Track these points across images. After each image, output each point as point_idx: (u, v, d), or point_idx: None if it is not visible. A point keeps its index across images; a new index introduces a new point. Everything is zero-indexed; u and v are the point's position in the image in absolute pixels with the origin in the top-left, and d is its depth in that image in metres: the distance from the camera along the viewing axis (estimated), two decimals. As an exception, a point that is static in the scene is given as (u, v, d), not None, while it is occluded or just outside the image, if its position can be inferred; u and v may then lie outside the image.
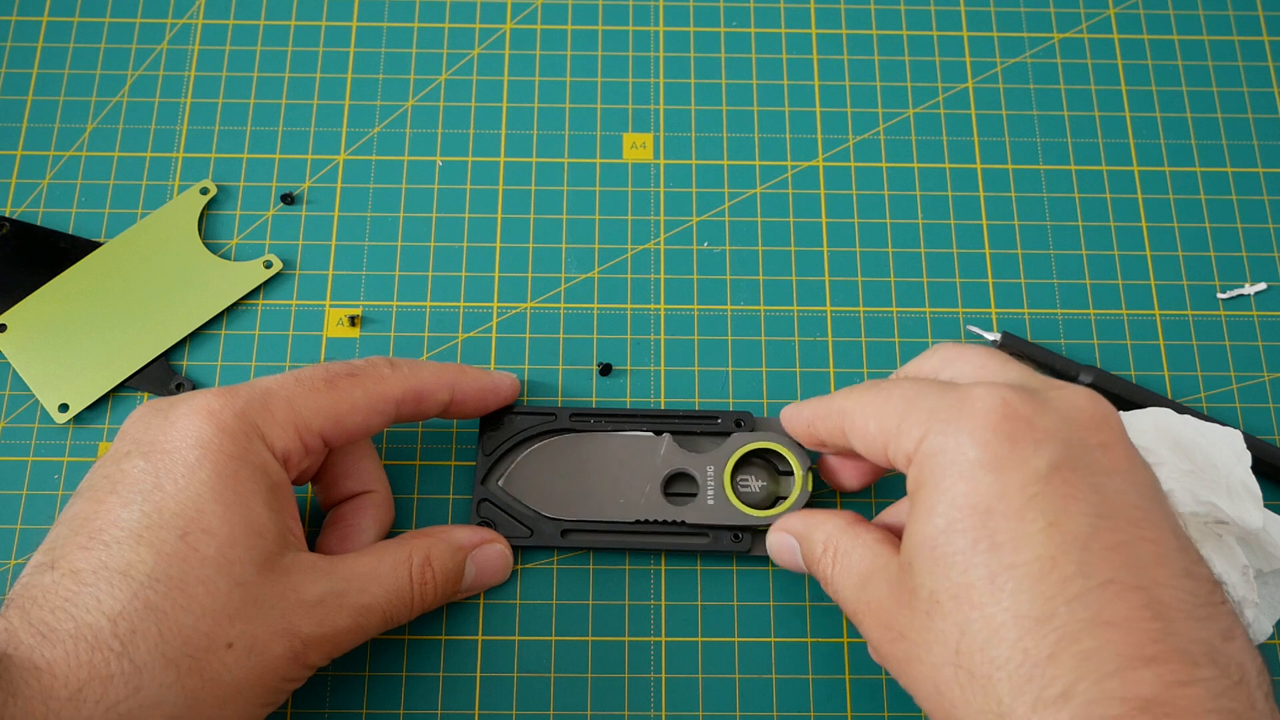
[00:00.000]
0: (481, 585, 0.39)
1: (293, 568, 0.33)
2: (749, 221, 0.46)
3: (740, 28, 0.49)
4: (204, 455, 0.32)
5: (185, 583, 0.30)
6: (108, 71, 0.48)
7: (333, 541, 0.38)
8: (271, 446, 0.34)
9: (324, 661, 0.34)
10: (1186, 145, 0.47)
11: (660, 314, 0.44)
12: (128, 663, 0.29)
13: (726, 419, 0.41)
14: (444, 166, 0.46)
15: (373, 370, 0.36)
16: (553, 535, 0.39)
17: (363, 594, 0.34)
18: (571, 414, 0.41)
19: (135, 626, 0.30)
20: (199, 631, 0.30)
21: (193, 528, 0.31)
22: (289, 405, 0.34)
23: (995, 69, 0.48)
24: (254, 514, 0.32)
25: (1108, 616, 0.26)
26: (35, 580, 0.31)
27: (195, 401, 0.33)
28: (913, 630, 0.29)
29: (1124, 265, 0.45)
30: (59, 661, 0.29)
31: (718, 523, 0.39)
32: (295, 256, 0.45)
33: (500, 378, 0.40)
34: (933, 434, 0.30)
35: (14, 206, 0.45)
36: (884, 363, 0.43)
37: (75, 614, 0.29)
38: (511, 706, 0.38)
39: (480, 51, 0.49)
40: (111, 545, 0.31)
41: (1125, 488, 0.28)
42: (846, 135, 0.47)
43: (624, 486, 0.40)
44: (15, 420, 0.42)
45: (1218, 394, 0.43)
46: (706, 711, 0.38)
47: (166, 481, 0.32)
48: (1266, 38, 0.49)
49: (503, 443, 0.41)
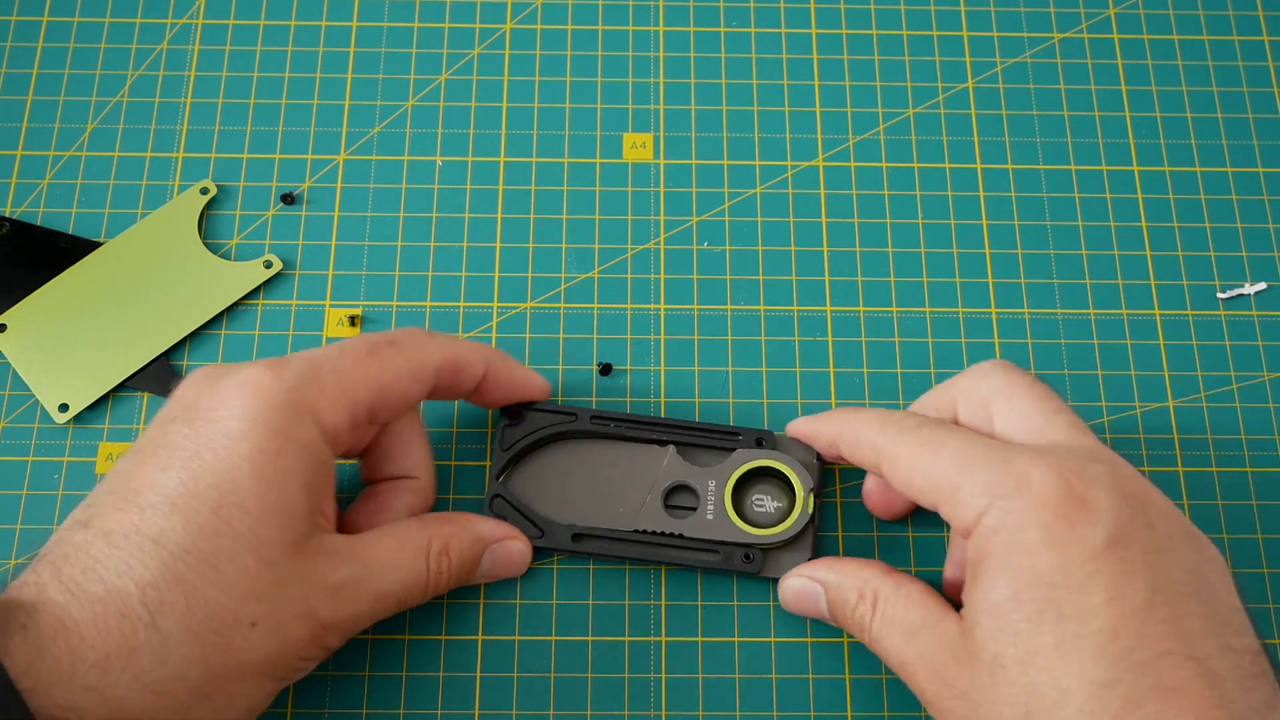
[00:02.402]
0: (495, 577, 0.39)
1: (319, 550, 0.33)
2: (749, 221, 0.46)
3: (740, 28, 0.49)
4: (249, 429, 0.32)
5: (215, 558, 0.30)
6: (108, 71, 0.48)
7: (361, 515, 0.38)
8: (321, 423, 0.33)
9: (340, 643, 0.34)
10: (1186, 145, 0.47)
11: (660, 314, 0.44)
12: (155, 634, 0.29)
13: (748, 436, 0.40)
14: (444, 166, 0.46)
15: (411, 338, 0.36)
16: (564, 539, 0.39)
17: (382, 580, 0.35)
18: (592, 416, 0.40)
19: (164, 598, 0.30)
20: (225, 608, 0.30)
21: (226, 501, 0.31)
22: (337, 377, 0.34)
23: (995, 69, 0.48)
24: (289, 494, 0.32)
25: (1169, 683, 0.28)
26: (68, 537, 0.31)
27: (247, 373, 0.33)
28: (976, 690, 0.31)
29: (1124, 265, 0.45)
30: (87, 624, 0.29)
31: (715, 538, 0.38)
32: (295, 256, 0.45)
33: (532, 373, 0.40)
34: (994, 512, 0.31)
35: (14, 206, 0.45)
36: (884, 363, 0.43)
37: (105, 577, 0.30)
38: (511, 706, 0.38)
39: (480, 51, 0.49)
40: (146, 510, 0.31)
41: (1172, 564, 0.30)
42: (846, 135, 0.47)
43: (625, 495, 0.40)
44: (15, 420, 0.42)
45: (1218, 394, 0.43)
46: (706, 711, 0.38)
47: (206, 451, 0.32)
48: (1266, 38, 0.49)
49: (520, 439, 0.40)
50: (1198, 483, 0.42)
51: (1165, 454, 0.42)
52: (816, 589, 0.37)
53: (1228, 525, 0.41)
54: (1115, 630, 0.29)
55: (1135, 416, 0.43)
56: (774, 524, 0.39)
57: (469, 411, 0.43)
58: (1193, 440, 0.43)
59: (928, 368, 0.43)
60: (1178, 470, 0.42)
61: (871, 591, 0.35)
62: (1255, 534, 0.41)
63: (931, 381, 0.43)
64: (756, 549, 0.38)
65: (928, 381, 0.43)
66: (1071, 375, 0.43)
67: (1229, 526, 0.41)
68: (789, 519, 0.38)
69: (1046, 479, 0.31)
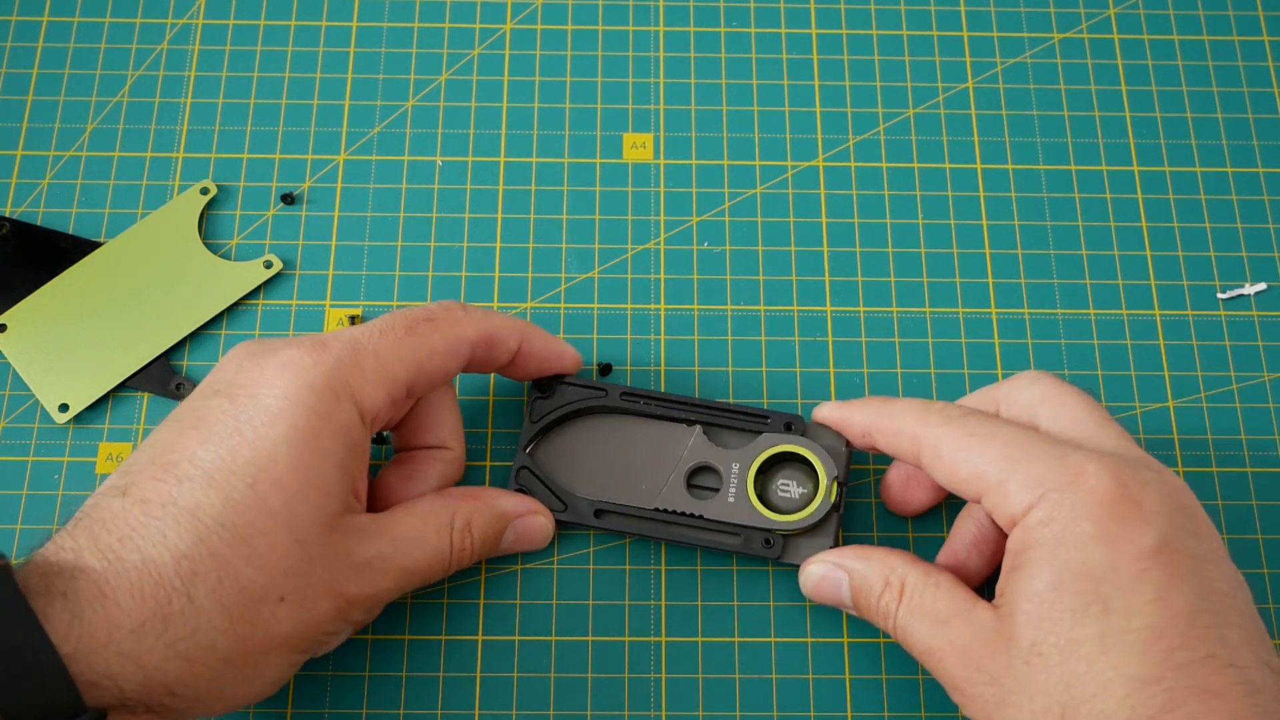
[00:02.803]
0: (517, 550, 0.39)
1: (349, 529, 0.33)
2: (749, 221, 0.46)
3: (740, 28, 0.49)
4: (288, 407, 0.32)
5: (249, 533, 0.31)
6: (108, 71, 0.48)
7: (393, 479, 0.38)
8: (361, 405, 0.34)
9: (365, 618, 0.35)
10: (1186, 145, 0.47)
11: (660, 314, 0.44)
12: (189, 603, 0.30)
13: (777, 420, 0.40)
14: (444, 166, 0.46)
15: (447, 314, 0.37)
16: (586, 513, 0.39)
17: (407, 558, 0.35)
18: (622, 392, 0.40)
19: (197, 569, 0.30)
20: (256, 583, 0.31)
21: (263, 478, 0.31)
22: (377, 359, 0.34)
23: (995, 69, 0.48)
24: (325, 474, 0.33)
25: (1211, 687, 0.29)
26: (106, 503, 0.31)
27: (289, 353, 0.33)
28: (1009, 677, 0.31)
29: (1124, 265, 0.45)
30: (123, 591, 0.29)
31: (736, 521, 0.38)
32: (295, 256, 0.45)
33: (566, 345, 0.40)
34: (1045, 504, 0.32)
35: (14, 206, 0.45)
36: (884, 363, 0.43)
37: (141, 546, 0.30)
38: (511, 706, 0.38)
39: (480, 51, 0.49)
40: (184, 481, 0.31)
41: (1217, 575, 0.31)
42: (846, 135, 0.47)
43: (648, 473, 0.40)
44: (15, 420, 0.42)
45: (1218, 394, 0.43)
46: (706, 711, 0.38)
47: (246, 427, 0.32)
48: (1266, 38, 0.49)
49: (550, 412, 0.40)
50: (1198, 483, 0.42)
51: (1165, 454, 0.42)
52: (840, 575, 0.37)
53: (1228, 525, 0.41)
54: (1162, 629, 0.29)
55: (1135, 416, 0.43)
56: (798, 510, 0.39)
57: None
58: (1193, 440, 0.43)
59: (928, 368, 0.43)
60: (1178, 470, 0.42)
61: (899, 579, 0.35)
62: (1255, 534, 0.41)
63: (932, 381, 0.43)
64: (777, 534, 0.38)
65: (927, 381, 0.43)
66: (1072, 376, 0.43)
67: (1229, 526, 0.41)
68: (811, 505, 0.38)
69: (1102, 476, 0.31)
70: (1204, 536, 0.32)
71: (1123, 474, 0.32)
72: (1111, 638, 0.30)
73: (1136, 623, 0.30)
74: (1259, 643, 0.30)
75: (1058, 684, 0.30)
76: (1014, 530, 0.32)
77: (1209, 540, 0.32)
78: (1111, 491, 0.31)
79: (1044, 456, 0.32)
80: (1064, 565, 0.31)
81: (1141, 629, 0.30)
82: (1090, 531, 0.31)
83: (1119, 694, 0.29)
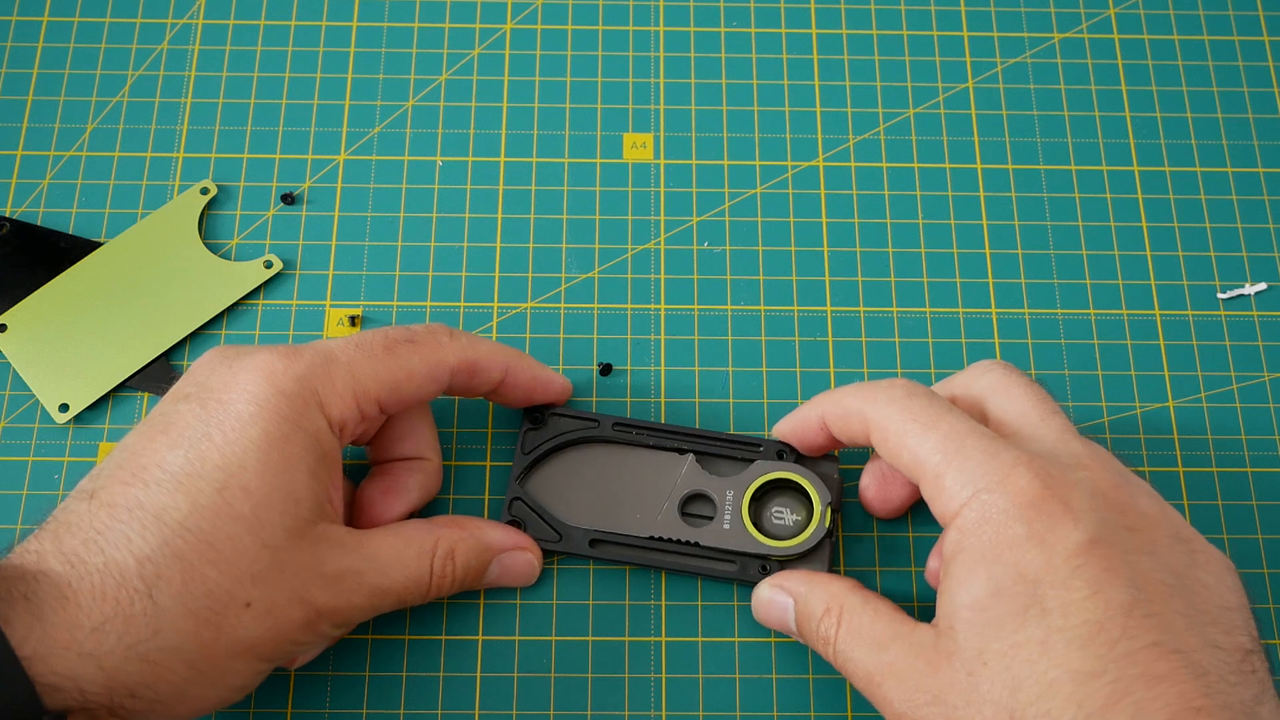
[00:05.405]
0: (502, 585, 0.39)
1: (321, 538, 0.33)
2: (749, 221, 0.46)
3: (740, 28, 0.49)
4: (258, 413, 0.32)
5: (215, 538, 0.31)
6: (108, 71, 0.48)
7: (374, 493, 0.38)
8: (328, 414, 0.34)
9: (336, 631, 0.35)
10: (1186, 145, 0.47)
11: (660, 314, 0.44)
12: (151, 605, 0.30)
13: (769, 447, 0.40)
14: (444, 166, 0.46)
15: (431, 338, 0.37)
16: (581, 543, 0.39)
17: (382, 577, 0.35)
18: (615, 423, 0.40)
19: (161, 572, 0.30)
20: (221, 587, 0.31)
21: (231, 483, 0.31)
22: (349, 372, 0.34)
23: (995, 69, 0.48)
24: (295, 480, 0.32)
25: (1156, 672, 0.29)
26: (73, 507, 0.31)
27: (260, 358, 0.34)
28: (952, 692, 0.31)
29: (1124, 265, 0.45)
30: (84, 593, 0.29)
31: (731, 548, 0.38)
32: (295, 256, 0.45)
33: (554, 374, 0.40)
34: (977, 504, 0.32)
35: (14, 206, 0.45)
36: (884, 363, 0.43)
37: (105, 548, 0.30)
38: (511, 706, 0.38)
39: (480, 51, 0.49)
40: (151, 486, 0.31)
41: (1154, 566, 0.31)
42: (846, 135, 0.47)
43: (642, 501, 0.40)
44: (15, 420, 0.42)
45: (1218, 394, 0.43)
46: (706, 711, 0.38)
47: (215, 432, 0.32)
48: (1266, 38, 0.49)
49: (542, 443, 0.40)
50: (1198, 483, 0.42)
51: (1165, 454, 0.42)
52: (786, 600, 0.36)
53: (1228, 525, 0.41)
54: (1100, 622, 0.29)
55: (1135, 416, 0.43)
56: (792, 537, 0.39)
57: (469, 410, 0.43)
58: (1193, 440, 0.43)
59: (928, 368, 0.43)
60: (1178, 470, 0.42)
61: (838, 605, 0.35)
62: (1255, 534, 0.41)
63: (931, 382, 0.43)
64: (772, 560, 0.38)
65: (927, 382, 0.43)
66: (1072, 375, 0.43)
67: (1229, 526, 0.41)
68: (805, 531, 0.38)
69: (1029, 477, 0.31)
70: (1140, 530, 0.32)
71: (1050, 474, 0.32)
72: (1053, 638, 0.30)
73: (1074, 619, 0.30)
74: (1208, 626, 0.30)
75: (1002, 691, 0.30)
76: (948, 530, 0.32)
77: (1149, 532, 0.32)
78: (1038, 492, 0.31)
79: (978, 453, 0.32)
80: (1002, 570, 0.31)
81: (1080, 624, 0.30)
82: (1023, 534, 0.31)
83: (1065, 691, 0.29)
